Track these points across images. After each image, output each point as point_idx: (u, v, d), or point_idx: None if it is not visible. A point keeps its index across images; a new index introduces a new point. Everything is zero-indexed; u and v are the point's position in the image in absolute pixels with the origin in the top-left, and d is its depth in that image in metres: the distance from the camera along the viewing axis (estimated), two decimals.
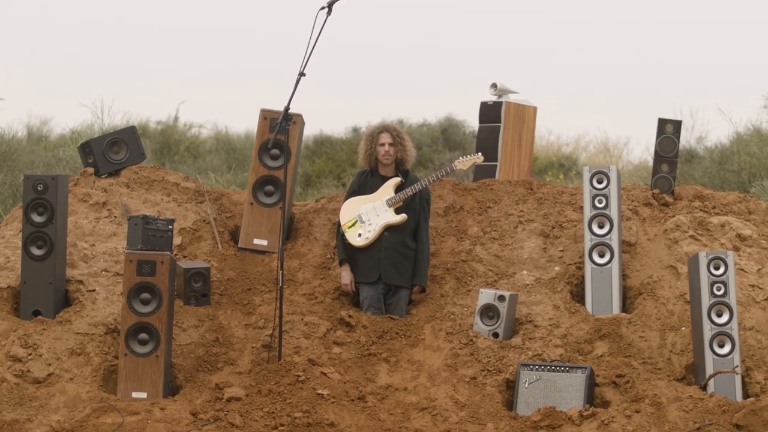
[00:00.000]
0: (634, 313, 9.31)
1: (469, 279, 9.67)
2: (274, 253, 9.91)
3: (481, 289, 9.23)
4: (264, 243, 10.01)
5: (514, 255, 9.87)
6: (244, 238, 10.06)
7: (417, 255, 9.54)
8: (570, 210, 10.19)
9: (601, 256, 9.47)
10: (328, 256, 9.97)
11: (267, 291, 9.59)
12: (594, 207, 9.54)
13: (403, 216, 9.50)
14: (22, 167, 14.96)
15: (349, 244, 9.55)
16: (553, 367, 8.64)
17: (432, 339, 9.17)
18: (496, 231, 10.09)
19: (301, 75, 8.78)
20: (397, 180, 9.61)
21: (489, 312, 9.14)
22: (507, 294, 9.12)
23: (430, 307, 9.47)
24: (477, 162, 9.81)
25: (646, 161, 19.60)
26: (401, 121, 21.67)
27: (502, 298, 9.10)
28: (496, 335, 9.11)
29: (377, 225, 9.49)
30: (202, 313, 9.30)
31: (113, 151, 10.39)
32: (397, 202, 9.53)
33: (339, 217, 9.68)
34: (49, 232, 9.03)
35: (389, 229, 9.49)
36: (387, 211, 9.53)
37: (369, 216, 9.54)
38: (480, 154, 9.93)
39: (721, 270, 8.74)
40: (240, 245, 10.07)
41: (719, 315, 8.69)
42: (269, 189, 10.03)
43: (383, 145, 9.62)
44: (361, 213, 9.57)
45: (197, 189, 10.54)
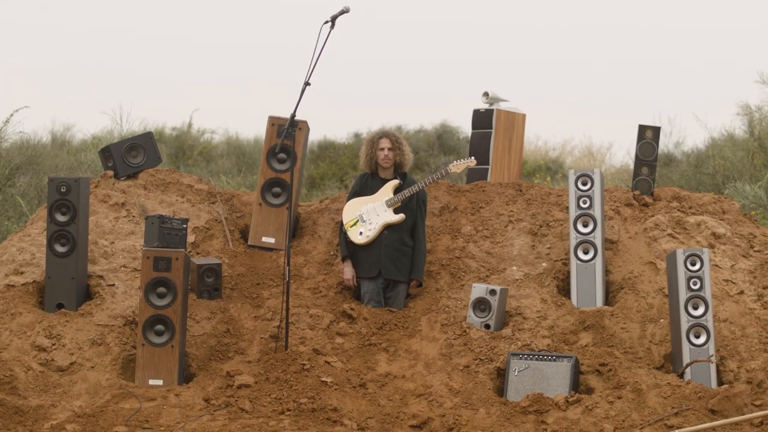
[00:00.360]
0: (616, 306, 9.30)
1: (463, 274, 9.65)
2: (281, 250, 9.90)
3: (474, 284, 9.22)
4: (272, 241, 10.00)
5: (504, 252, 9.86)
6: (253, 236, 10.04)
7: (414, 252, 9.52)
8: (556, 210, 10.18)
9: (586, 253, 9.45)
10: (331, 253, 9.96)
11: (274, 285, 9.58)
12: (579, 207, 9.52)
13: (402, 216, 9.48)
14: (46, 170, 14.94)
15: (351, 241, 9.54)
16: (541, 357, 8.62)
17: (428, 330, 9.16)
18: (487, 230, 10.07)
19: (306, 84, 8.78)
20: (396, 182, 9.59)
21: (481, 305, 9.12)
22: (498, 288, 9.11)
23: (426, 301, 9.46)
24: (470, 165, 9.79)
25: (627, 165, 19.58)
26: (399, 128, 21.63)
27: (493, 292, 9.09)
28: (487, 327, 9.10)
29: (377, 224, 9.47)
30: (214, 306, 9.29)
31: (131, 155, 10.37)
32: (396, 202, 9.51)
33: (342, 217, 9.66)
34: (72, 230, 9.02)
35: (388, 228, 9.48)
36: (386, 211, 9.51)
37: (369, 216, 9.53)
38: (473, 158, 9.91)
39: (697, 266, 8.73)
40: (249, 243, 10.05)
41: (695, 308, 8.68)
42: (276, 190, 10.02)
43: (383, 150, 9.60)
44: (362, 213, 9.56)
45: (209, 190, 10.53)
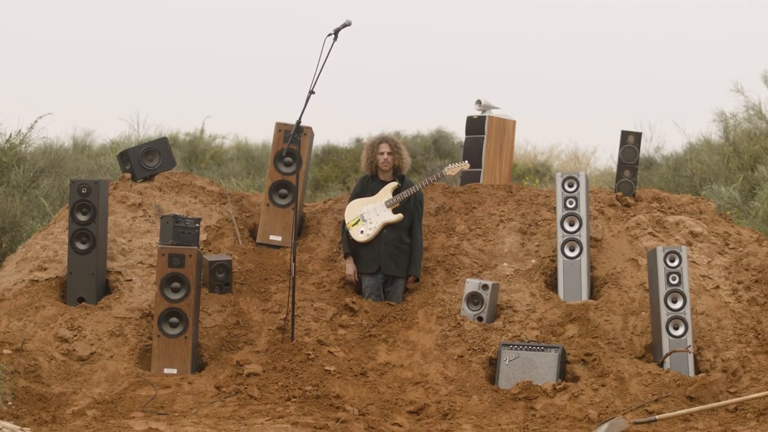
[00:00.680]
0: (600, 300, 9.31)
1: (457, 270, 9.66)
2: (287, 248, 9.90)
3: (468, 279, 9.23)
4: (279, 239, 10.01)
5: (496, 249, 9.87)
6: (261, 234, 10.05)
7: (412, 249, 9.53)
8: (545, 210, 10.19)
9: (572, 250, 9.47)
10: (334, 250, 9.97)
11: (281, 281, 9.59)
12: (565, 207, 9.54)
13: (400, 215, 9.50)
14: (68, 173, 14.91)
15: (353, 239, 9.55)
16: (530, 347, 8.64)
17: (425, 322, 9.17)
18: (480, 228, 10.08)
19: (311, 93, 8.77)
20: (395, 184, 9.61)
21: (474, 299, 9.14)
22: (490, 283, 9.12)
23: (423, 295, 9.47)
24: (464, 168, 9.80)
25: (610, 168, 19.54)
26: (398, 133, 21.59)
27: (485, 286, 9.10)
28: (480, 319, 9.12)
29: (377, 223, 9.48)
30: (224, 300, 9.30)
31: (148, 159, 10.38)
32: (395, 203, 9.53)
33: (344, 216, 9.68)
34: (92, 229, 9.03)
35: (388, 227, 9.49)
36: (386, 211, 9.53)
37: (370, 215, 9.54)
38: (466, 161, 9.92)
39: (676, 262, 8.75)
40: (258, 241, 10.06)
41: (674, 301, 8.69)
42: (283, 192, 10.03)
43: (382, 154, 9.62)
44: (363, 213, 9.57)
45: (221, 192, 10.54)
